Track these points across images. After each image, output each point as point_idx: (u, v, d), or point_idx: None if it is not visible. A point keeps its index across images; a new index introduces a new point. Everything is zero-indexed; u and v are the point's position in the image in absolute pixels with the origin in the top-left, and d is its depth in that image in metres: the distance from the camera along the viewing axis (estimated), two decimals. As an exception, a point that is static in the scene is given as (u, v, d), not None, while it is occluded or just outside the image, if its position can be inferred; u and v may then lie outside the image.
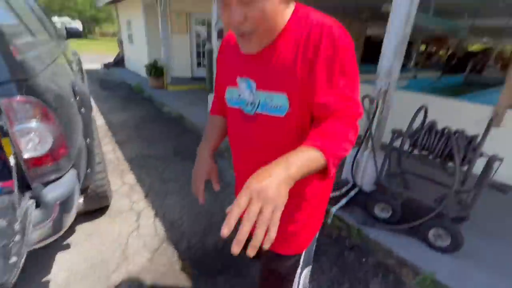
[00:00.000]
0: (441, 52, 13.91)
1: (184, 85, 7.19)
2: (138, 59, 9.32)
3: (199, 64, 9.01)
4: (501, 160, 1.67)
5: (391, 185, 2.08)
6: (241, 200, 0.46)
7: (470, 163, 1.71)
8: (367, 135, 2.29)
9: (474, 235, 1.92)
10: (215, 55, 4.61)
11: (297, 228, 0.81)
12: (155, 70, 6.76)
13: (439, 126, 1.90)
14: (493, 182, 1.76)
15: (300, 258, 0.85)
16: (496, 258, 1.80)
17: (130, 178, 2.70)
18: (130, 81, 8.02)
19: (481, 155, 1.69)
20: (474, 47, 15.21)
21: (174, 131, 4.13)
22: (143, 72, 8.43)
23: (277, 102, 0.67)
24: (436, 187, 2.16)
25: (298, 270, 0.86)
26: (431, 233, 1.86)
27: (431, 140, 1.84)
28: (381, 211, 2.11)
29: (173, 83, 7.17)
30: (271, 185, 0.48)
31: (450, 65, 9.03)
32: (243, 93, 0.72)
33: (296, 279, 0.87)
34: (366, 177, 2.42)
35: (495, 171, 1.67)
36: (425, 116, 2.05)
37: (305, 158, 0.56)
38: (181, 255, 1.79)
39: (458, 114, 3.02)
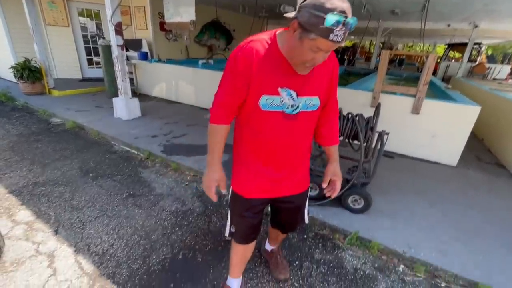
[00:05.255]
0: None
1: (74, 89, 5.97)
2: (-5, 58, 7.10)
3: (90, 62, 7.65)
4: (387, 134, 2.18)
5: (314, 165, 2.38)
6: (339, 182, 1.22)
7: (369, 139, 2.15)
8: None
9: (374, 194, 2.45)
10: (115, 53, 4.03)
11: (307, 171, 1.27)
12: (30, 72, 5.31)
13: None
14: (384, 152, 2.27)
15: (308, 191, 1.32)
16: (391, 209, 2.36)
17: (25, 214, 2.10)
18: (-12, 88, 6.05)
19: (376, 132, 2.15)
20: (346, 42, 18.80)
21: (74, 147, 3.41)
22: (6, 75, 6.51)
23: (314, 102, 1.02)
24: (346, 161, 2.62)
25: (307, 200, 1.35)
26: (350, 200, 2.26)
27: (341, 124, 2.20)
28: (310, 191, 2.40)
29: (59, 87, 5.85)
30: (340, 173, 1.24)
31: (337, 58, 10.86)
32: (285, 99, 0.96)
33: (306, 205, 1.37)
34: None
35: (385, 143, 2.17)
36: (333, 104, 2.42)
37: (337, 151, 1.25)
38: (124, 287, 1.55)
39: (350, 99, 3.72)
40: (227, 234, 1.30)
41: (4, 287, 1.49)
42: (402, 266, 1.84)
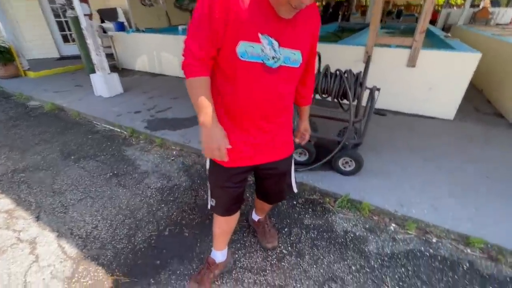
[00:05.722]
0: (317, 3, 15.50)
1: (51, 68, 5.63)
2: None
3: (66, 39, 7.15)
4: (378, 89, 2.01)
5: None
6: (308, 135, 1.32)
7: (359, 97, 1.99)
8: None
9: (366, 154, 2.36)
10: (83, 24, 3.68)
11: (291, 135, 1.19)
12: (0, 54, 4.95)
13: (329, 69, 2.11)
14: (375, 110, 2.12)
15: (292, 156, 1.26)
16: (383, 168, 2.28)
17: (4, 203, 2.02)
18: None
19: (366, 88, 1.98)
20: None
21: (54, 130, 3.25)
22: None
23: (296, 57, 0.92)
24: (336, 123, 2.49)
25: (292, 165, 1.29)
26: (340, 163, 2.17)
27: (328, 83, 2.02)
28: (300, 156, 2.30)
29: (34, 68, 5.51)
30: (309, 128, 1.35)
31: (327, 14, 10.15)
32: (265, 48, 0.84)
33: (292, 169, 1.30)
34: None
35: (376, 100, 2.01)
36: (319, 62, 2.22)
37: (308, 111, 1.32)
38: (109, 267, 1.52)
39: (342, 56, 3.46)
40: (209, 207, 1.23)
41: (-14, 277, 1.46)
42: (393, 225, 1.81)
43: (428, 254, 1.60)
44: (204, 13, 0.79)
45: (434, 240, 1.68)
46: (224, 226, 1.33)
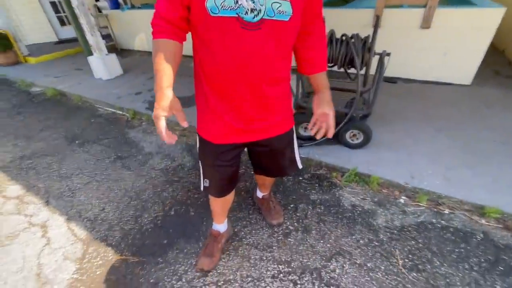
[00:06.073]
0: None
1: (50, 53, 5.53)
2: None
3: (62, 22, 6.96)
4: (388, 54, 1.85)
5: (308, 104, 2.15)
6: (332, 114, 1.01)
7: (368, 64, 1.84)
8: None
9: (375, 125, 2.25)
10: (74, 2, 3.51)
11: (289, 108, 1.07)
12: (-5, 40, 4.87)
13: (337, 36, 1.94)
14: (385, 77, 1.98)
15: (292, 132, 1.15)
16: (394, 139, 2.18)
17: (14, 189, 2.06)
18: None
19: (375, 54, 1.82)
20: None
21: (57, 115, 3.24)
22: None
23: (284, 8, 0.74)
24: (345, 94, 2.35)
25: (294, 140, 1.18)
26: (348, 136, 2.08)
27: (333, 49, 1.87)
28: (305, 131, 2.22)
29: (34, 54, 5.43)
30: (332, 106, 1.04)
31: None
32: None
33: (295, 141, 1.19)
34: (285, 103, 2.44)
35: (386, 66, 1.86)
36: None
37: (326, 79, 1.05)
38: (117, 247, 1.55)
39: (349, 21, 3.21)
40: (202, 188, 1.17)
41: (2, 260, 1.52)
42: (403, 197, 1.74)
43: (439, 226, 1.55)
44: None
45: (446, 212, 1.62)
46: (219, 205, 1.31)
